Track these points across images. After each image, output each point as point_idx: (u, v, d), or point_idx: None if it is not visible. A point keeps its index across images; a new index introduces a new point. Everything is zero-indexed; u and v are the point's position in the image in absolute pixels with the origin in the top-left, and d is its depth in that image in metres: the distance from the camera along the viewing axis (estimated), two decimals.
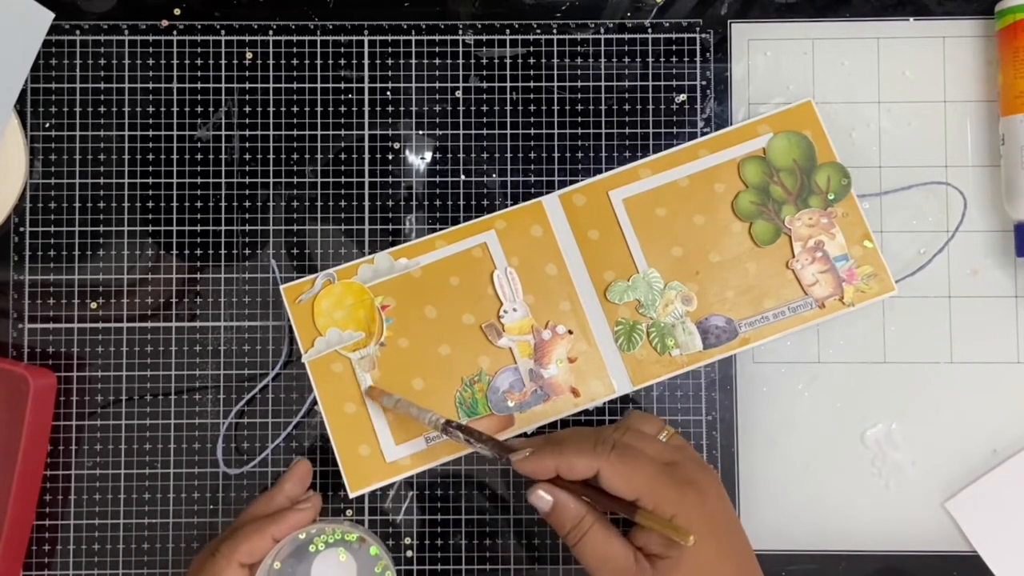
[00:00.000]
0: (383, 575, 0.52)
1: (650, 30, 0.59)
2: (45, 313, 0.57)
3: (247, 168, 0.58)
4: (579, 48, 0.59)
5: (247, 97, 0.58)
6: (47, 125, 0.58)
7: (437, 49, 0.58)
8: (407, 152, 0.58)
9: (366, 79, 0.58)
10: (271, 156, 0.58)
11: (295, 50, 0.58)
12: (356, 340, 0.55)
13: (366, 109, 0.58)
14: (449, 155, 0.58)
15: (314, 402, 0.56)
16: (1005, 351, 0.58)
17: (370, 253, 0.57)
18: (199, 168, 0.58)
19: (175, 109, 0.58)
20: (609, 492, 0.46)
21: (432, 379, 0.56)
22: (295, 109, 0.58)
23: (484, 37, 0.58)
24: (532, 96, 0.58)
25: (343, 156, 0.58)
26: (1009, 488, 0.56)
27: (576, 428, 0.54)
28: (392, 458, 0.55)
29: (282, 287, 0.56)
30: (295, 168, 0.58)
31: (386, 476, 0.55)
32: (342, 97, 0.58)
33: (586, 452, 0.46)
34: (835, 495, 0.57)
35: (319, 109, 0.58)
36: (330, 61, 0.58)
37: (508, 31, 0.59)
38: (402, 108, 0.58)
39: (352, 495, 0.55)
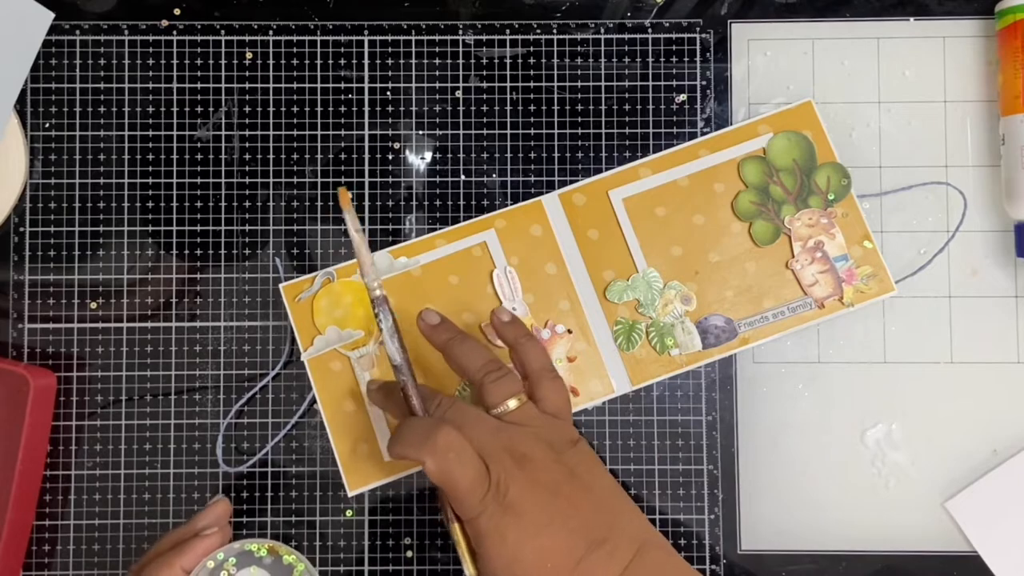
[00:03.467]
0: None
1: (650, 30, 0.59)
2: (45, 313, 0.57)
3: (247, 168, 0.58)
4: (579, 48, 0.59)
5: (247, 97, 0.58)
6: (47, 125, 0.58)
7: (437, 49, 0.59)
8: (407, 152, 0.58)
9: (366, 79, 0.58)
10: (271, 156, 0.58)
11: (295, 50, 0.58)
12: (355, 338, 0.55)
13: (366, 109, 0.58)
14: (449, 155, 0.58)
15: (313, 401, 0.56)
16: (1005, 351, 0.57)
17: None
18: (199, 168, 0.58)
19: (175, 109, 0.58)
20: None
21: (431, 378, 0.56)
22: (295, 109, 0.58)
23: (484, 37, 0.59)
24: (532, 96, 0.58)
25: (343, 156, 0.58)
26: (1009, 488, 0.56)
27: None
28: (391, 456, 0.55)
29: (281, 285, 0.56)
30: (295, 168, 0.58)
31: (385, 474, 0.55)
32: (342, 97, 0.58)
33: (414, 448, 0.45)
34: (835, 495, 0.57)
35: (319, 109, 0.58)
36: (330, 61, 0.58)
37: (508, 31, 0.59)
38: (402, 108, 0.58)
39: (351, 493, 0.55)
